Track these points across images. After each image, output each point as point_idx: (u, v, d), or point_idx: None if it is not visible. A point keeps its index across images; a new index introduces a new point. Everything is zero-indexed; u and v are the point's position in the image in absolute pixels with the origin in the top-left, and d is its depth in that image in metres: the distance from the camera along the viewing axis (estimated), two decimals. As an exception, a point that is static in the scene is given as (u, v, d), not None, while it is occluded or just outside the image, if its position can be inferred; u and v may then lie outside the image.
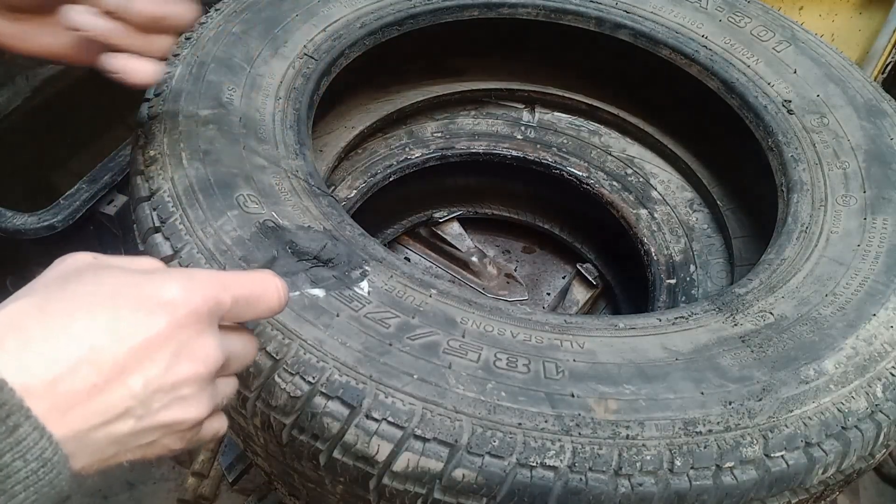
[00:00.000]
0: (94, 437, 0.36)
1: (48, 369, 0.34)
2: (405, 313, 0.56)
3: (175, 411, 0.38)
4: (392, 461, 0.50)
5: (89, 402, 0.35)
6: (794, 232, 0.71)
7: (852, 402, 0.56)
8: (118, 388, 0.36)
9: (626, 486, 0.50)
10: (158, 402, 0.37)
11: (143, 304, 0.37)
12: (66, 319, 0.36)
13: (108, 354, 0.35)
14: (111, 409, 0.36)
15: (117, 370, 0.36)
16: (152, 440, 0.38)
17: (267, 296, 0.44)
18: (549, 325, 0.58)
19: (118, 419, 0.36)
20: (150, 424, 0.37)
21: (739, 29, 0.94)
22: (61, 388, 0.34)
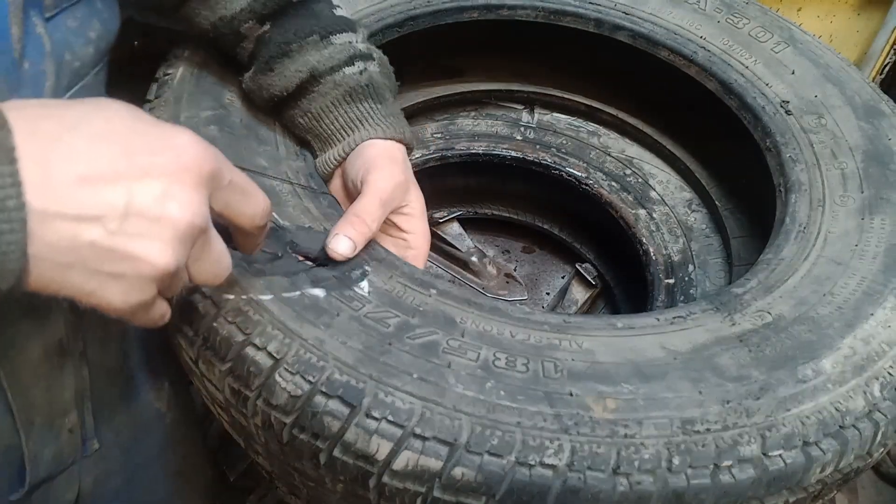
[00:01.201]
0: (59, 229, 0.35)
1: (48, 143, 0.35)
2: (405, 313, 0.57)
3: (145, 245, 0.37)
4: (392, 460, 0.50)
5: (72, 188, 0.35)
6: (791, 232, 0.72)
7: (850, 401, 0.56)
8: (105, 190, 0.36)
9: (624, 484, 0.50)
10: (134, 228, 0.37)
11: (157, 138, 0.38)
12: (84, 119, 0.36)
13: (108, 159, 0.36)
14: (89, 206, 0.35)
15: (110, 175, 0.36)
16: (109, 272, 0.37)
17: (257, 197, 0.46)
18: (547, 325, 0.58)
19: (90, 222, 0.36)
20: (116, 246, 0.37)
21: (738, 30, 0.94)
22: (53, 159, 0.35)
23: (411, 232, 0.70)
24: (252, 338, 0.53)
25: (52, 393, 0.60)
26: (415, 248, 0.70)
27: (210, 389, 0.57)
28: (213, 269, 0.45)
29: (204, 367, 0.56)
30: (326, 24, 0.69)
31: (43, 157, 0.35)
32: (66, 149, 0.36)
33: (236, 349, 0.53)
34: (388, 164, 0.67)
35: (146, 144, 0.38)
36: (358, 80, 0.69)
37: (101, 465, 0.69)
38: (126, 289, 0.38)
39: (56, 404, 0.61)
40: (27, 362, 0.56)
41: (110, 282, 0.38)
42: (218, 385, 0.55)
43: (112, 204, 0.36)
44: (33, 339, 0.56)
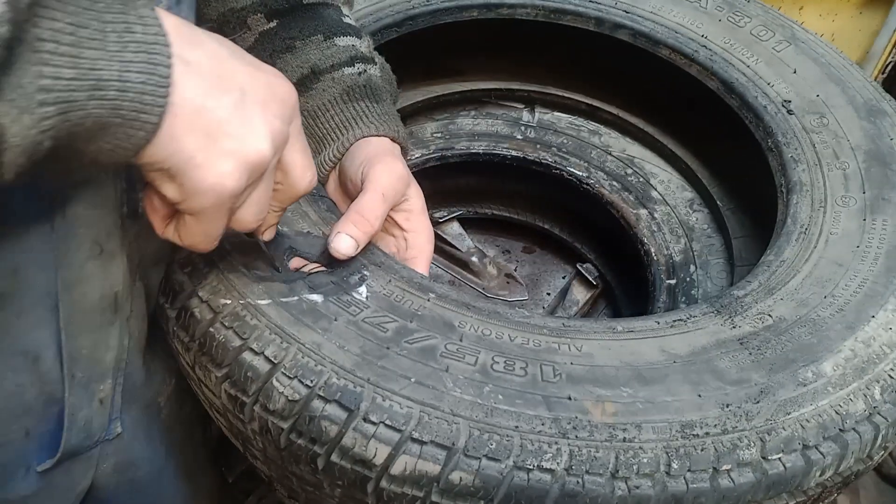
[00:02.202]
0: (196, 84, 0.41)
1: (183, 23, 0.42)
2: (403, 318, 0.56)
3: (254, 133, 0.43)
4: (390, 464, 0.50)
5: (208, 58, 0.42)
6: (793, 233, 0.71)
7: (850, 404, 0.56)
8: (229, 74, 0.43)
9: (623, 488, 0.50)
10: (247, 113, 0.43)
11: (259, 62, 0.47)
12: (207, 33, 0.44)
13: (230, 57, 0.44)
14: (218, 77, 0.42)
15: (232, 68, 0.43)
16: (221, 147, 0.42)
17: (310, 162, 0.51)
18: (546, 329, 0.58)
19: (218, 90, 0.42)
20: (234, 120, 0.42)
21: (739, 29, 0.94)
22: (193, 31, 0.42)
23: (412, 231, 0.69)
24: (249, 342, 0.53)
25: (97, 350, 0.60)
26: (416, 248, 0.69)
27: (207, 395, 0.58)
28: (258, 207, 0.48)
29: (201, 372, 0.56)
30: (331, 27, 0.70)
31: (179, 36, 0.40)
32: (201, 33, 0.43)
33: (233, 354, 0.53)
34: (388, 159, 0.66)
35: (252, 60, 0.46)
36: (356, 79, 0.69)
37: (122, 454, 0.68)
38: (228, 170, 0.43)
39: (97, 364, 0.61)
40: (84, 307, 0.57)
41: (218, 157, 0.42)
42: (214, 391, 0.55)
43: (234, 88, 0.43)
44: (95, 284, 0.57)
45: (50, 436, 0.60)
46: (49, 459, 0.60)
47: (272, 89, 0.45)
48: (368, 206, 0.61)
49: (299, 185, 0.50)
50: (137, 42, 0.38)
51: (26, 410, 0.58)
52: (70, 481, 0.65)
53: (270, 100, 0.45)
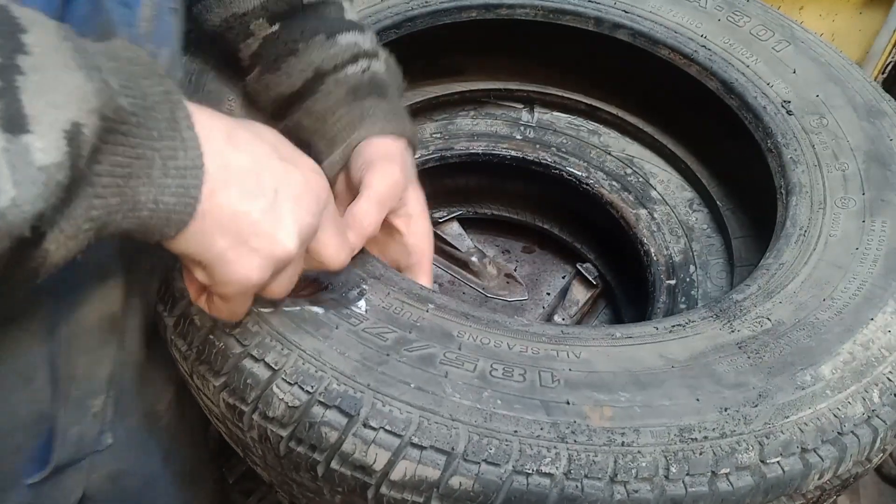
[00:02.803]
0: (230, 195, 0.43)
1: (223, 127, 0.45)
2: (402, 329, 0.57)
3: (284, 231, 0.46)
4: (390, 470, 0.50)
5: (241, 166, 0.44)
6: (792, 235, 0.71)
7: (849, 407, 0.56)
8: (264, 176, 0.45)
9: (621, 492, 0.50)
10: (279, 212, 0.45)
11: (296, 156, 0.49)
12: (243, 123, 0.47)
13: (267, 156, 0.46)
14: (252, 183, 0.45)
15: (268, 167, 0.46)
16: (251, 245, 0.45)
17: (345, 244, 0.54)
18: (545, 337, 0.58)
19: (251, 196, 0.44)
20: (265, 222, 0.45)
21: (738, 28, 0.94)
22: (230, 143, 0.44)
23: (411, 235, 0.69)
24: (250, 349, 0.53)
25: (93, 369, 0.61)
26: (417, 253, 0.69)
27: (206, 402, 0.58)
28: (291, 282, 0.51)
29: (198, 381, 0.56)
30: (333, 25, 0.70)
31: (222, 134, 0.44)
32: (239, 136, 0.45)
33: (233, 361, 0.54)
34: (385, 164, 0.66)
35: (289, 156, 0.48)
36: (360, 77, 0.69)
37: (112, 464, 0.69)
38: (256, 264, 0.45)
39: (92, 382, 0.62)
40: (82, 329, 0.58)
41: (247, 254, 0.45)
42: (213, 399, 0.56)
43: (267, 189, 0.45)
44: (93, 306, 0.59)
45: (40, 450, 0.60)
46: (38, 473, 0.61)
47: (306, 185, 0.48)
48: (362, 211, 0.62)
49: (331, 264, 0.53)
50: (178, 167, 0.41)
51: (17, 427, 0.58)
52: (61, 493, 0.65)
53: (303, 194, 0.47)
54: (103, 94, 0.36)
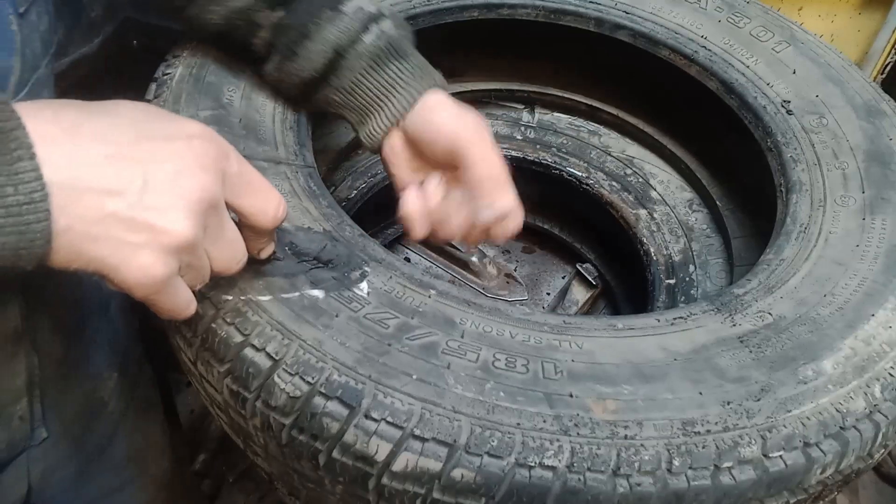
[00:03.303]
0: (86, 202, 0.39)
1: (71, 127, 0.40)
2: (404, 314, 0.56)
3: (162, 216, 0.41)
4: (391, 461, 0.50)
5: (95, 166, 0.39)
6: (792, 232, 0.71)
7: (851, 402, 0.56)
8: (124, 167, 0.40)
9: (624, 486, 0.50)
10: (151, 201, 0.41)
11: (169, 126, 0.43)
12: (102, 109, 0.42)
13: (127, 141, 0.41)
14: (112, 181, 0.40)
15: (129, 155, 0.41)
16: (132, 241, 0.41)
17: (268, 194, 0.48)
18: (547, 326, 0.58)
19: (113, 195, 0.40)
20: (136, 216, 0.40)
21: (739, 29, 0.94)
22: (77, 140, 0.39)
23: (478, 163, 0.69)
24: (251, 339, 0.53)
25: (5, 380, 0.61)
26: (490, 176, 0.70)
27: (209, 391, 0.57)
28: (230, 252, 0.48)
29: (202, 368, 0.56)
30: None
31: (68, 139, 0.39)
32: (89, 132, 0.40)
33: (235, 350, 0.53)
34: (468, 145, 0.69)
35: (160, 130, 0.43)
36: (377, 44, 0.69)
37: (50, 456, 0.69)
38: (149, 261, 0.41)
39: (8, 392, 0.61)
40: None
41: (134, 253, 0.41)
42: (216, 386, 0.55)
43: (131, 180, 0.40)
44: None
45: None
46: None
47: (182, 157, 0.43)
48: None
49: (264, 222, 0.49)
50: (8, 206, 0.37)
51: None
52: (4, 491, 0.65)
53: (183, 170, 0.42)
54: None
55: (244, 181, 0.47)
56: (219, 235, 0.46)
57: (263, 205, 0.48)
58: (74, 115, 0.41)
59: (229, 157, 0.46)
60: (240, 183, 0.46)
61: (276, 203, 0.49)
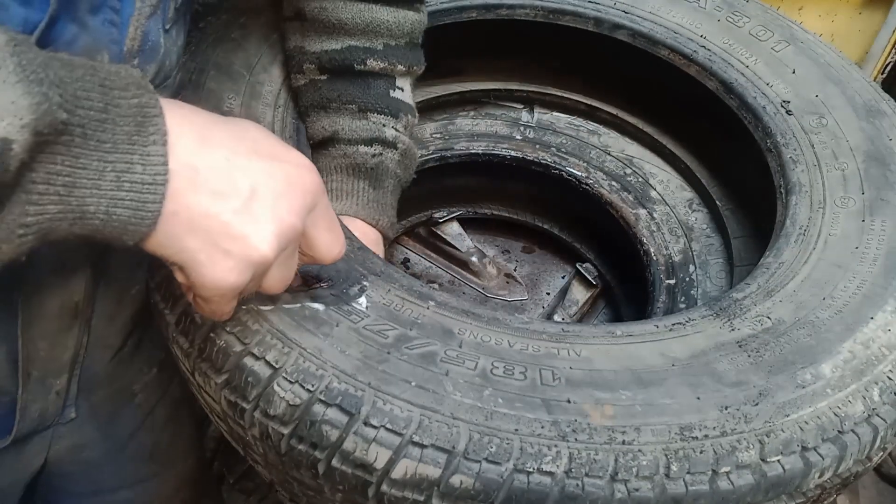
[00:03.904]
0: (198, 197, 0.42)
1: (199, 130, 0.43)
2: (403, 326, 0.57)
3: (257, 230, 0.44)
4: (390, 468, 0.50)
5: (213, 169, 0.43)
6: (792, 235, 0.71)
7: (849, 406, 0.56)
8: (238, 175, 0.44)
9: (622, 491, 0.50)
10: (253, 212, 0.44)
11: (280, 150, 0.47)
12: (225, 120, 0.46)
13: (245, 153, 0.44)
14: (223, 182, 0.43)
15: (245, 165, 0.44)
16: (223, 247, 0.44)
17: (337, 238, 0.52)
18: (546, 334, 0.58)
19: (222, 197, 0.43)
20: (235, 223, 0.43)
21: (738, 29, 0.94)
22: (203, 143, 0.43)
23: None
24: (251, 347, 0.53)
25: (55, 351, 0.63)
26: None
27: (207, 400, 0.58)
28: (286, 276, 0.50)
29: (200, 378, 0.56)
30: (371, 101, 0.75)
31: (196, 138, 0.43)
32: (215, 136, 0.44)
33: (234, 359, 0.54)
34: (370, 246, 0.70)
35: (274, 152, 0.46)
36: (367, 160, 0.75)
37: (75, 436, 0.71)
38: (230, 267, 0.44)
39: (54, 363, 0.64)
40: (43, 315, 0.60)
41: (220, 256, 0.44)
42: (214, 396, 0.56)
43: (241, 188, 0.44)
44: (55, 295, 0.60)
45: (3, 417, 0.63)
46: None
47: (290, 181, 0.46)
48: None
49: (324, 258, 0.52)
50: (133, 182, 0.40)
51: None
52: (21, 460, 0.68)
53: (286, 192, 0.46)
54: (39, 108, 0.36)
55: (327, 217, 0.50)
56: (287, 261, 0.49)
57: (332, 244, 0.51)
58: (205, 120, 0.45)
59: (324, 192, 0.49)
60: (323, 218, 0.50)
61: (342, 245, 0.53)
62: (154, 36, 0.56)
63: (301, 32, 0.76)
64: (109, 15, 0.51)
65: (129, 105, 0.40)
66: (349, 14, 0.73)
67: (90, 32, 0.49)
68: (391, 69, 0.76)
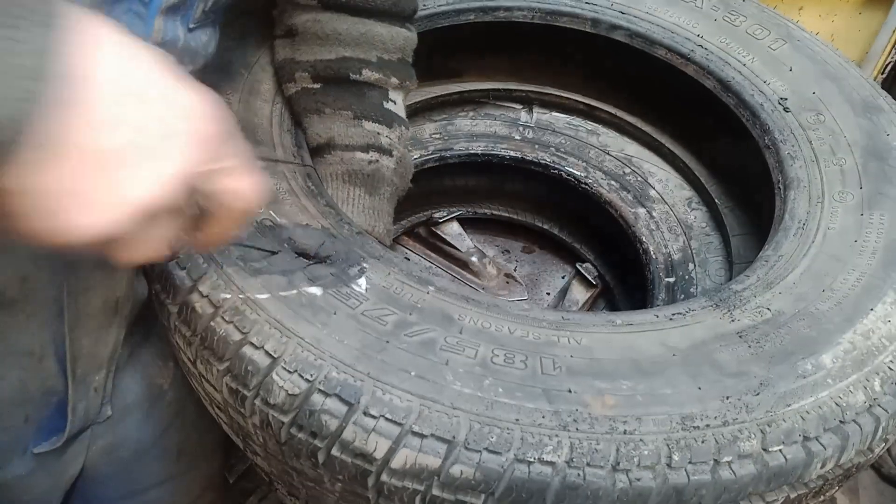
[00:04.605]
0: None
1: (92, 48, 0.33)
2: (402, 310, 0.56)
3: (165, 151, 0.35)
4: (390, 458, 0.50)
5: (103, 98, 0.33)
6: (791, 228, 0.72)
7: (850, 396, 0.56)
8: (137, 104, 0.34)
9: (623, 481, 0.50)
10: (155, 132, 0.35)
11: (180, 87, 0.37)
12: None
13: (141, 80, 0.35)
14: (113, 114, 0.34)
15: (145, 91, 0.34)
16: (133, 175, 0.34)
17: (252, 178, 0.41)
18: (546, 322, 0.58)
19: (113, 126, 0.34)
20: (142, 142, 0.34)
21: (735, 28, 0.94)
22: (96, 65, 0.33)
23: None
24: (249, 336, 0.53)
25: (96, 348, 0.64)
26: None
27: (208, 390, 0.57)
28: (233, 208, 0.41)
29: (202, 367, 0.56)
30: (366, 110, 0.75)
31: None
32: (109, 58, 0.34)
33: (234, 348, 0.54)
34: None
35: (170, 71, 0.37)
36: (363, 166, 0.75)
37: (109, 435, 0.71)
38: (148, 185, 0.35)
39: (95, 359, 0.64)
40: (88, 312, 0.61)
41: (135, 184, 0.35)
42: (216, 385, 0.55)
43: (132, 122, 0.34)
44: (99, 291, 0.61)
45: (47, 420, 0.63)
46: (47, 442, 0.64)
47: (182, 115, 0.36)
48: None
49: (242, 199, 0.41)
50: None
51: (27, 400, 0.61)
52: (63, 464, 0.67)
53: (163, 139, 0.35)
54: None
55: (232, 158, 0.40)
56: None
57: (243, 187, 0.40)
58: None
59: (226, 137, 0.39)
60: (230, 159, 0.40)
61: (257, 188, 0.41)
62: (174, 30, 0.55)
63: (292, 46, 0.76)
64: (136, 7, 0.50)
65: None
66: (344, 25, 0.74)
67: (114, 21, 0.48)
68: (385, 81, 0.77)
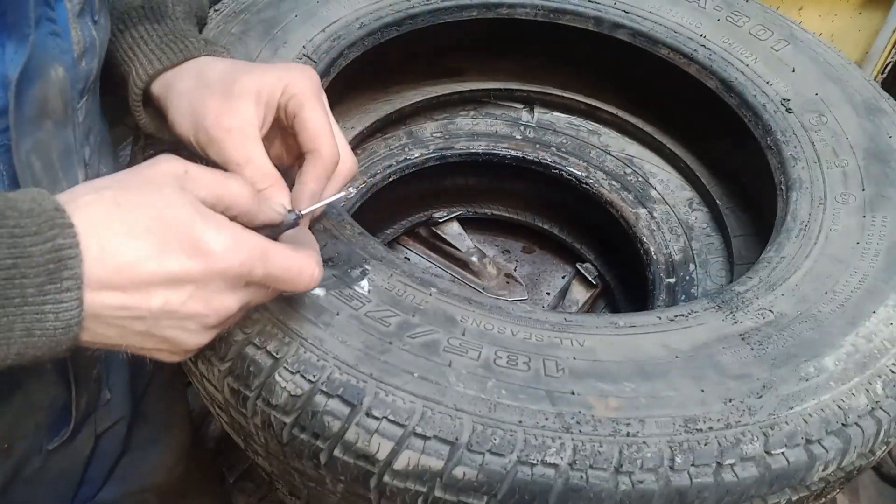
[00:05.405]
0: (109, 320, 0.42)
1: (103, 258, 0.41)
2: (405, 312, 0.56)
3: (178, 334, 0.45)
4: (393, 459, 0.50)
5: (119, 294, 0.42)
6: (793, 230, 0.71)
7: (852, 399, 0.56)
8: (142, 297, 0.42)
9: (626, 483, 0.50)
10: (167, 323, 0.44)
11: (191, 245, 0.42)
12: (130, 227, 0.42)
13: (147, 270, 0.42)
14: (131, 309, 0.42)
15: (148, 284, 0.42)
16: (151, 347, 0.45)
17: (299, 280, 0.48)
18: (549, 324, 0.58)
19: (133, 320, 0.43)
20: (155, 333, 0.44)
21: (738, 28, 0.94)
22: (104, 274, 0.41)
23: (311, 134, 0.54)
24: (251, 337, 0.53)
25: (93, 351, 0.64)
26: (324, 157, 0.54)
27: (209, 390, 0.57)
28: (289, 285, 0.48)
29: (203, 366, 0.56)
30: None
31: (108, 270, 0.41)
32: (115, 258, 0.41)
33: (236, 348, 0.53)
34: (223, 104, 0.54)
35: (179, 256, 0.42)
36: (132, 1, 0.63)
37: (112, 414, 0.74)
38: (169, 356, 0.47)
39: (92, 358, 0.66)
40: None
41: (155, 351, 0.46)
42: (217, 385, 0.55)
43: (148, 307, 0.43)
44: None
45: (56, 421, 0.65)
46: (56, 439, 0.66)
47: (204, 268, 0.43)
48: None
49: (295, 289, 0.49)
50: (45, 329, 0.40)
51: (35, 409, 0.63)
52: (76, 448, 0.70)
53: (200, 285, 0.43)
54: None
55: (271, 279, 0.46)
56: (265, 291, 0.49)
57: (294, 289, 0.49)
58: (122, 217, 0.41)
59: (253, 268, 0.45)
60: (266, 280, 0.46)
61: (308, 283, 0.48)
62: (87, 31, 0.54)
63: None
64: (50, 27, 0.50)
65: (42, 252, 0.38)
66: None
67: (39, 50, 0.48)
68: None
